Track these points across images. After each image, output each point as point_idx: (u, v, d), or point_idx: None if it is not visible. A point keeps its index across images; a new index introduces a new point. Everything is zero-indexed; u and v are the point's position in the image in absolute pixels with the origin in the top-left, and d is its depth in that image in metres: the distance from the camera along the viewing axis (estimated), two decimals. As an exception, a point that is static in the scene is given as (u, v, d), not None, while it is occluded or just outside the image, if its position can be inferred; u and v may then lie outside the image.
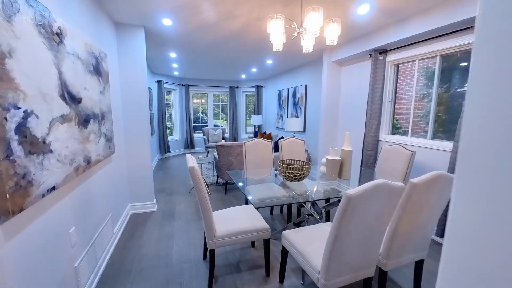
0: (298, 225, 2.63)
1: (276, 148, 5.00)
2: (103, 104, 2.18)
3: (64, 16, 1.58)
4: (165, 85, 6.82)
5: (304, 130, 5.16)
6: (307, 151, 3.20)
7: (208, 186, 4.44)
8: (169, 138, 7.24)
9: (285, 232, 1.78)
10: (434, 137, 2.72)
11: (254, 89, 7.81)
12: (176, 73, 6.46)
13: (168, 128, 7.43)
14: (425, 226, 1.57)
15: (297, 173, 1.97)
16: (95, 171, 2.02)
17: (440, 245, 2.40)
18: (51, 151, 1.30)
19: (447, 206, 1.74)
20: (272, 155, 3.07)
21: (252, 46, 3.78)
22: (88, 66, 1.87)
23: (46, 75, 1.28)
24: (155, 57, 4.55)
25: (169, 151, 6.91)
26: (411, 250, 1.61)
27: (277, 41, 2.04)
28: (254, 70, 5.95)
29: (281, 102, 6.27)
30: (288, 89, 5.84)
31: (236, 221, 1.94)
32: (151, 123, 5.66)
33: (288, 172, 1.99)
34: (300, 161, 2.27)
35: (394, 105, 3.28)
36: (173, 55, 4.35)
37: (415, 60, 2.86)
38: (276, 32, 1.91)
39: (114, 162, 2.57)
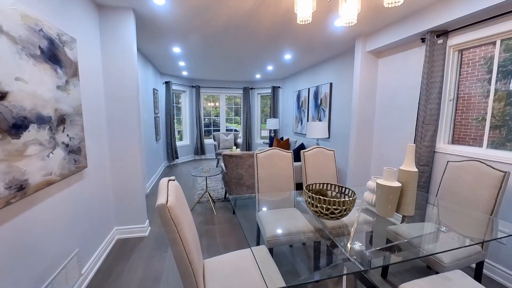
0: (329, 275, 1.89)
1: (295, 157, 4.28)
2: (63, 103, 1.60)
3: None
4: (174, 87, 6.33)
5: (329, 137, 4.39)
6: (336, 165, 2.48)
7: (214, 203, 3.83)
8: (178, 143, 6.72)
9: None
10: (492, 147, 1.89)
11: (269, 90, 7.13)
12: (185, 73, 5.94)
13: (179, 132, 6.94)
14: None
15: (335, 210, 1.26)
16: (43, 198, 1.43)
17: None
18: None
19: None
20: (293, 170, 2.37)
21: (268, 34, 3.11)
22: (30, 48, 1.30)
23: None
24: (157, 53, 4.02)
25: (177, 158, 6.38)
26: None
27: (304, 8, 1.35)
28: (270, 68, 5.29)
29: (301, 104, 5.53)
30: (308, 88, 5.10)
31: (239, 280, 1.26)
32: (157, 127, 5.15)
33: (321, 207, 1.28)
34: (337, 186, 1.54)
35: (457, 105, 2.46)
36: (177, 50, 3.80)
37: (494, 42, 2.05)
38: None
39: (88, 179, 2.00)
